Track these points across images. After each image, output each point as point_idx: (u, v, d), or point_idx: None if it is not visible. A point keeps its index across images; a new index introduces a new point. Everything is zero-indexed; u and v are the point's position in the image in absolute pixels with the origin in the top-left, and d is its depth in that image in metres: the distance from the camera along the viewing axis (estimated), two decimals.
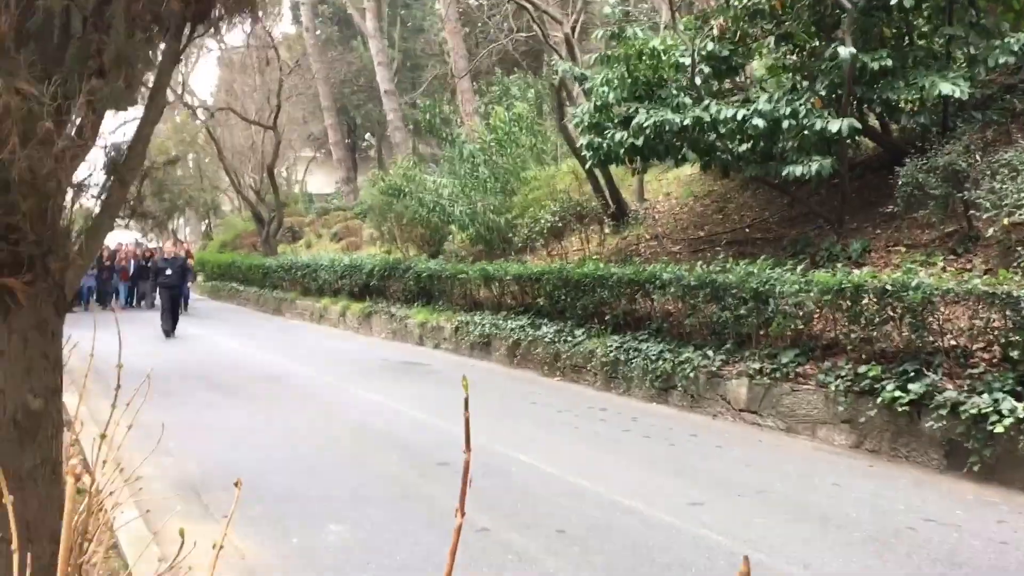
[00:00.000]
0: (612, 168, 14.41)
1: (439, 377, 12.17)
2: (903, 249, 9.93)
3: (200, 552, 2.66)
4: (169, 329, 17.84)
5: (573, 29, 16.85)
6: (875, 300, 7.89)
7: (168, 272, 18.52)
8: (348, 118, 36.83)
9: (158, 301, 22.13)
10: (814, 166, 10.00)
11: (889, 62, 9.92)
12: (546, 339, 12.31)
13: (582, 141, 12.34)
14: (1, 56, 2.41)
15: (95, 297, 24.91)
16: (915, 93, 9.83)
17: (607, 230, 15.40)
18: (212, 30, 3.07)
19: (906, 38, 10.60)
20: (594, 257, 14.09)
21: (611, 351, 10.96)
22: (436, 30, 31.55)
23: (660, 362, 10.09)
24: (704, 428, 8.75)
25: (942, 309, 7.53)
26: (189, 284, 24.23)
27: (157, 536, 4.79)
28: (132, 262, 26.12)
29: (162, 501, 5.54)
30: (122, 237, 30.26)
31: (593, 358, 11.25)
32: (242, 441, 8.10)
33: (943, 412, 6.96)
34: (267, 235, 28.55)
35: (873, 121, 11.90)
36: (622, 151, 11.46)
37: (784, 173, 10.33)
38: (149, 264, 25.00)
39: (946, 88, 9.35)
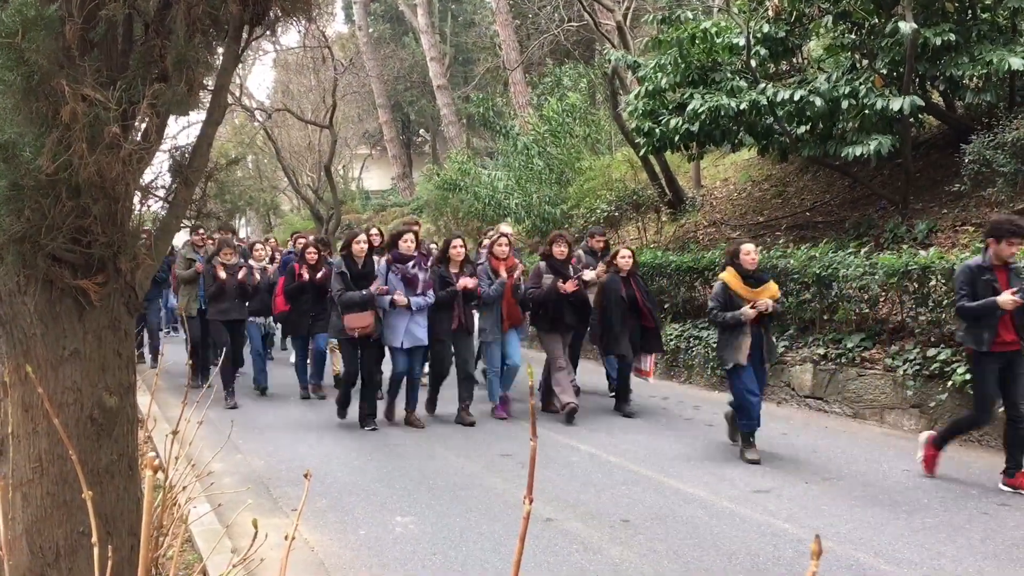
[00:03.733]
0: (668, 155, 14.25)
1: None
2: (971, 228, 9.66)
3: (271, 544, 2.72)
4: None
5: (625, 16, 16.65)
6: (943, 281, 7.70)
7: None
8: (402, 114, 37.01)
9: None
10: (872, 144, 9.76)
11: (952, 37, 9.63)
12: None
13: (636, 126, 12.22)
14: (67, 64, 2.48)
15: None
16: (981, 68, 9.52)
17: (664, 218, 15.25)
18: (269, 32, 3.12)
19: (969, 12, 10.27)
20: (652, 245, 13.98)
21: (671, 340, 10.86)
22: (487, 23, 31.50)
23: None
24: (768, 415, 8.61)
25: None
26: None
27: (229, 529, 4.90)
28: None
29: (233, 496, 5.66)
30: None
31: None
32: (305, 437, 8.23)
33: None
34: (326, 233, 28.90)
35: (936, 98, 11.57)
36: (677, 137, 11.31)
37: (843, 154, 10.12)
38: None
39: (1016, 62, 9.05)
